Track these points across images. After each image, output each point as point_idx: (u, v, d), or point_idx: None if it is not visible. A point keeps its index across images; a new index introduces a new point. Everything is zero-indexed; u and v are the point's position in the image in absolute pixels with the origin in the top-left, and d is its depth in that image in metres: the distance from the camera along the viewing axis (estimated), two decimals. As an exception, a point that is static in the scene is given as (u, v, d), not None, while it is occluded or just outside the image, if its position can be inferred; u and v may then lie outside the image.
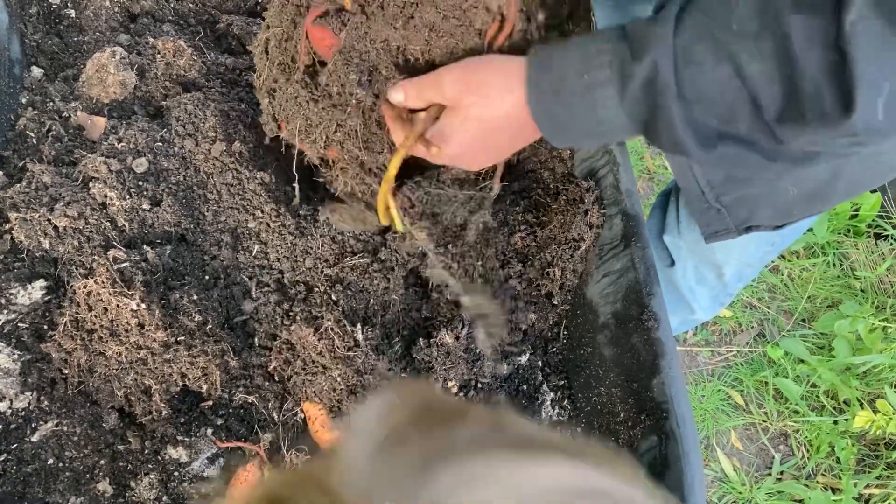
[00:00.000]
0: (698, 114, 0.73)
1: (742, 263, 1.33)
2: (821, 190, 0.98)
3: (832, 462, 2.08)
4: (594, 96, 0.77)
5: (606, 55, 0.75)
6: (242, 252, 1.01)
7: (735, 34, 0.68)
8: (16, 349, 0.89)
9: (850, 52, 0.61)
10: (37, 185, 0.96)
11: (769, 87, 0.68)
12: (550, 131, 0.83)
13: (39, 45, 1.13)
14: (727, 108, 0.71)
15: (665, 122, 0.74)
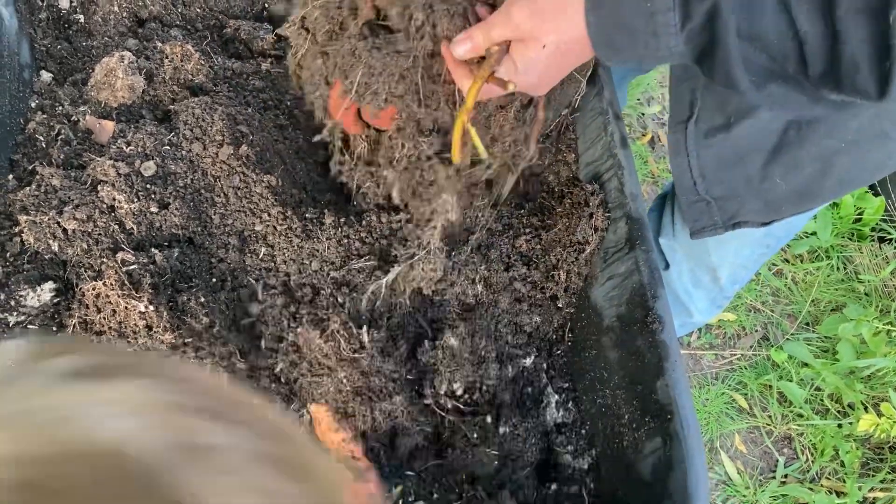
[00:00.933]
0: (754, 53, 0.74)
1: (737, 265, 1.33)
2: (810, 186, 0.99)
3: (836, 465, 2.08)
4: (656, 22, 0.78)
5: None
6: (249, 255, 1.02)
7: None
8: (25, 351, 0.90)
9: None
10: (46, 189, 0.97)
11: (815, 48, 0.70)
12: (606, 52, 0.85)
13: (49, 49, 1.14)
14: (781, 54, 0.73)
15: (722, 57, 0.75)
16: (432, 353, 1.02)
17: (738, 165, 1.00)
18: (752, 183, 1.02)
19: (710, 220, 1.07)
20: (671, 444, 0.91)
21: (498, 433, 1.03)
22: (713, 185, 1.03)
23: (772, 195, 1.02)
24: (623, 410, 1.01)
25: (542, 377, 1.11)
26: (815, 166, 0.98)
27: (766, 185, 1.01)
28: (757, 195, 1.03)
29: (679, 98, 1.00)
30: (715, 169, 1.02)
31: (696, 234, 1.09)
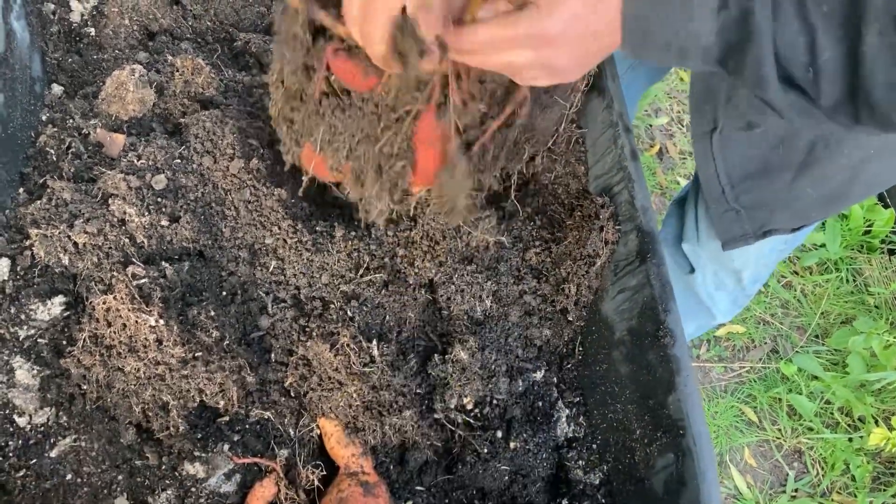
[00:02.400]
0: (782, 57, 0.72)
1: (759, 265, 1.34)
2: (839, 191, 0.99)
3: (847, 480, 2.06)
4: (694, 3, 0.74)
5: None
6: (259, 268, 1.02)
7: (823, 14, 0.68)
8: (35, 364, 0.90)
9: None
10: (57, 202, 0.97)
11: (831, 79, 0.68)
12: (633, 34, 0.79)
13: (60, 63, 1.14)
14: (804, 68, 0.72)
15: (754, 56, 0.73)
16: (442, 367, 1.01)
17: (765, 178, 1.00)
18: (781, 194, 1.02)
19: (741, 231, 1.07)
20: (683, 459, 0.90)
21: (508, 448, 1.02)
22: (742, 194, 1.03)
23: (801, 203, 1.02)
24: (634, 425, 1.00)
25: (553, 391, 1.10)
26: (843, 175, 0.98)
27: (794, 194, 1.01)
28: (786, 205, 1.03)
29: (702, 114, 0.99)
30: (742, 179, 1.01)
31: (728, 246, 1.09)
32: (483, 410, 1.04)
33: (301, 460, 0.95)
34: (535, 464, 1.03)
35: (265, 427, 0.96)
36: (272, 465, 0.93)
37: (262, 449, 0.95)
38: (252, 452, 0.94)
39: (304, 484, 0.93)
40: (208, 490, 0.90)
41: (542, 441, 1.04)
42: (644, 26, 0.78)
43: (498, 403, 1.05)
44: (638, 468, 0.98)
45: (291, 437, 0.96)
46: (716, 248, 1.32)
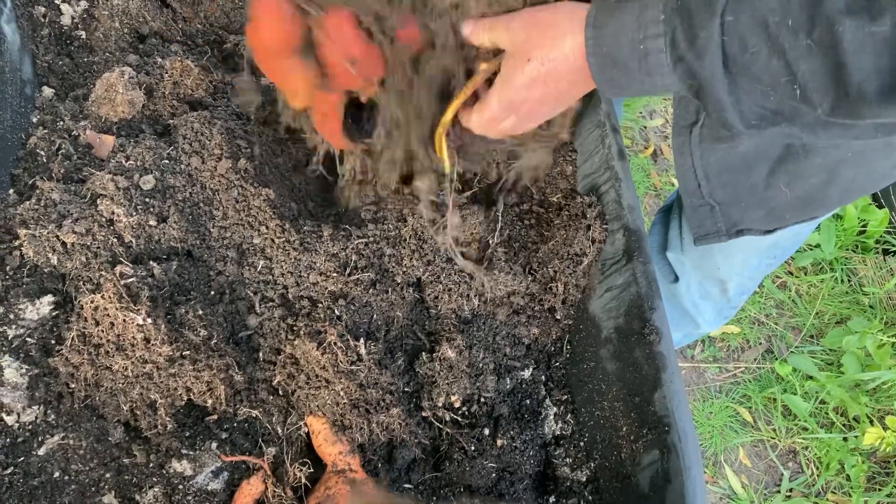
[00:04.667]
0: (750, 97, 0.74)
1: (745, 277, 1.33)
2: (814, 194, 1.00)
3: (842, 479, 2.06)
4: (649, 63, 0.79)
5: (660, 25, 0.77)
6: (247, 267, 1.02)
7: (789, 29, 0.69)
8: (24, 363, 0.90)
9: None
10: (46, 203, 0.98)
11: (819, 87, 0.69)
12: (610, 91, 0.86)
13: (51, 65, 1.15)
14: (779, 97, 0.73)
15: (714, 102, 0.76)
16: (430, 365, 1.02)
17: (742, 172, 1.01)
18: (756, 190, 1.02)
19: (713, 226, 1.08)
20: (668, 456, 0.91)
21: (496, 445, 1.03)
22: (717, 189, 1.04)
23: (775, 203, 1.02)
24: (621, 422, 1.01)
25: (541, 389, 1.11)
26: (820, 176, 0.98)
27: (769, 192, 1.02)
28: (760, 203, 1.03)
29: (685, 107, 1.00)
30: (718, 172, 1.02)
31: (700, 241, 1.10)
32: (471, 408, 1.05)
33: (289, 458, 0.95)
34: (523, 461, 1.03)
35: (253, 425, 0.96)
36: (260, 462, 0.93)
37: (249, 447, 0.95)
38: (240, 450, 0.94)
39: (291, 481, 0.94)
40: (196, 488, 0.91)
41: (530, 438, 1.05)
42: (614, 82, 0.84)
43: (485, 401, 1.05)
44: (624, 465, 0.99)
45: (279, 436, 0.97)
46: (699, 256, 1.32)
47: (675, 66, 0.77)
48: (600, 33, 0.82)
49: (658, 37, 0.78)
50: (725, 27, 0.72)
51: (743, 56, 0.72)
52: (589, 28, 0.83)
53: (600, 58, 0.83)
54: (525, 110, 0.92)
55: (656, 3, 0.79)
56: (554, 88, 0.90)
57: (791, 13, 0.68)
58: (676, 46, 0.76)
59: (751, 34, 0.71)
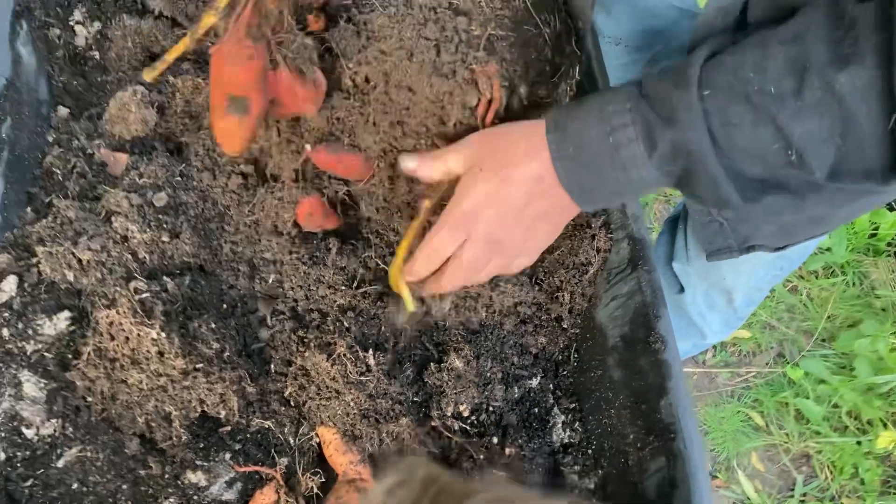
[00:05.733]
0: (741, 166, 0.71)
1: (751, 287, 1.34)
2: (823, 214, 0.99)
3: (856, 484, 2.06)
4: (622, 156, 0.75)
5: (627, 115, 0.74)
6: (259, 281, 1.04)
7: (773, 96, 0.66)
8: (42, 378, 0.93)
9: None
10: (62, 220, 1.00)
11: (818, 148, 0.66)
12: (581, 197, 0.81)
13: (65, 85, 1.18)
14: (769, 167, 0.70)
15: (705, 180, 0.72)
16: (438, 375, 1.03)
17: None
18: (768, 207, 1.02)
19: (724, 242, 1.06)
20: (674, 462, 0.92)
21: (504, 454, 1.04)
22: None
23: (785, 220, 1.02)
24: (628, 430, 1.02)
25: (549, 398, 1.12)
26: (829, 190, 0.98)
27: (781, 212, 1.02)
28: (770, 221, 1.03)
29: None
30: None
31: (712, 257, 1.09)
32: (479, 417, 1.06)
33: (301, 468, 0.97)
34: (531, 469, 1.05)
35: (265, 436, 0.98)
36: (272, 472, 0.95)
37: (262, 457, 0.97)
38: (253, 461, 0.96)
39: (303, 491, 0.96)
40: (210, 498, 0.93)
41: (538, 447, 1.06)
42: (584, 186, 0.79)
43: (494, 410, 1.07)
44: (631, 472, 1.00)
45: (291, 446, 0.99)
46: (704, 266, 1.32)
47: (652, 153, 0.73)
48: (563, 135, 0.78)
49: (626, 126, 0.74)
50: (705, 101, 0.69)
51: (726, 128, 0.69)
52: (550, 132, 0.79)
53: (567, 161, 0.78)
54: (507, 241, 0.87)
55: (619, 95, 0.76)
56: (531, 216, 0.84)
57: (771, 80, 0.66)
58: (651, 132, 0.73)
59: (731, 105, 0.68)
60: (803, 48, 0.64)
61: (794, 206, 0.76)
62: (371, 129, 0.96)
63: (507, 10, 0.99)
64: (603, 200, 0.84)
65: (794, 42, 0.65)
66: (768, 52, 0.67)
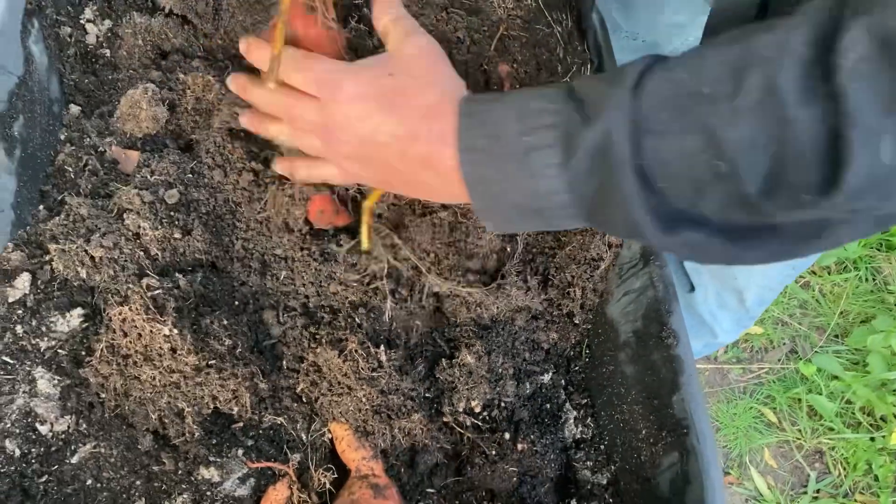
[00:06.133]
0: (659, 191, 0.63)
1: (763, 287, 1.33)
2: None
3: (870, 480, 2.05)
4: (532, 162, 0.67)
5: (549, 116, 0.66)
6: (270, 278, 1.04)
7: (706, 98, 0.58)
8: (56, 375, 0.93)
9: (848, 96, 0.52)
10: (74, 218, 1.01)
11: (751, 155, 0.58)
12: (480, 199, 0.73)
13: (77, 83, 1.18)
14: (694, 185, 0.61)
15: (619, 198, 0.63)
16: (450, 371, 1.03)
17: None
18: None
19: None
20: (687, 458, 0.92)
21: (516, 450, 1.04)
22: None
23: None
24: (640, 425, 1.01)
25: (561, 393, 1.12)
26: None
27: None
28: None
29: None
30: None
31: None
32: (491, 413, 1.06)
33: (313, 464, 0.97)
34: (544, 465, 1.04)
35: (278, 432, 0.98)
36: (285, 468, 0.95)
37: (275, 453, 0.97)
38: (265, 457, 0.96)
39: (316, 487, 0.96)
40: (223, 494, 0.93)
41: (550, 442, 1.06)
42: (488, 189, 0.71)
43: (506, 406, 1.07)
44: (644, 468, 1.00)
45: (304, 442, 0.99)
46: (716, 266, 1.31)
47: (567, 163, 0.65)
48: (474, 122, 0.70)
49: (546, 128, 0.65)
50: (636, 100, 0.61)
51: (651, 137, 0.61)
52: (463, 117, 0.71)
53: (472, 153, 0.70)
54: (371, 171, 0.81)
55: (548, 92, 0.68)
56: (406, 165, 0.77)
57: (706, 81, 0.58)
58: (572, 137, 0.64)
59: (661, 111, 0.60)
60: (746, 45, 0.57)
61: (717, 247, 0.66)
62: None
63: (520, 10, 1.00)
64: (503, 213, 0.73)
65: (738, 39, 0.58)
66: (708, 52, 0.60)
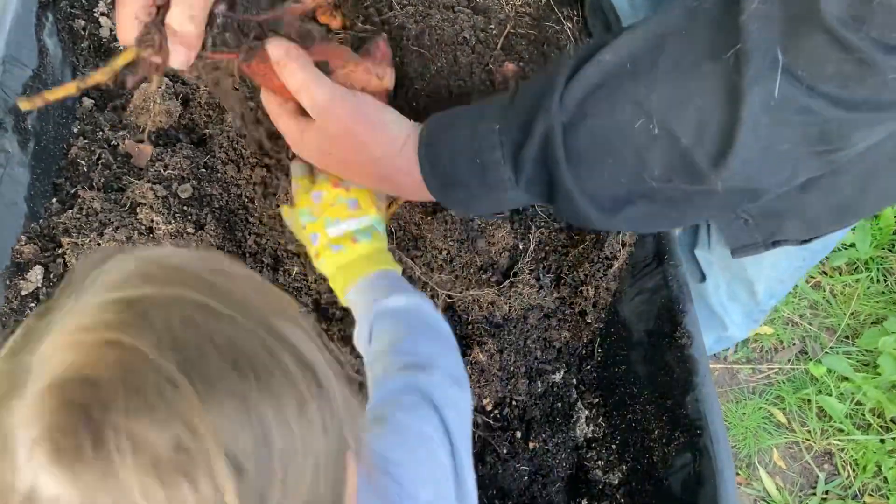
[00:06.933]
0: (598, 177, 0.68)
1: (774, 280, 1.32)
2: (848, 203, 0.97)
3: (879, 482, 2.04)
4: (489, 181, 0.73)
5: (495, 135, 0.71)
6: (282, 274, 1.04)
7: (629, 73, 0.63)
8: (68, 368, 0.93)
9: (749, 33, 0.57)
10: (87, 211, 1.01)
11: (678, 111, 0.62)
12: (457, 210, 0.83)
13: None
14: (637, 153, 0.65)
15: (563, 195, 0.69)
16: (462, 368, 1.03)
17: None
18: (790, 204, 1.00)
19: (750, 239, 1.05)
20: (701, 459, 0.91)
21: (528, 448, 1.04)
22: (752, 207, 1.02)
23: (811, 214, 1.01)
24: (653, 425, 1.01)
25: (572, 392, 1.11)
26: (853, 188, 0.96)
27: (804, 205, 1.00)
28: (796, 215, 1.02)
29: None
30: None
31: (738, 254, 1.08)
32: (503, 411, 1.06)
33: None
34: (555, 464, 1.04)
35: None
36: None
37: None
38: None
39: None
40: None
41: (562, 441, 1.05)
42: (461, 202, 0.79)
43: (517, 404, 1.06)
44: (656, 468, 0.99)
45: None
46: (726, 256, 1.30)
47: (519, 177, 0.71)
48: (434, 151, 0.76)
49: (494, 149, 0.71)
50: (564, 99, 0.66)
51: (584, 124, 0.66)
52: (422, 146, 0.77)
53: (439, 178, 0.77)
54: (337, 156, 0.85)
55: (491, 109, 0.73)
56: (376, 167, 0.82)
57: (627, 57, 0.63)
58: (517, 154, 0.70)
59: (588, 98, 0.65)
60: (662, 17, 0.62)
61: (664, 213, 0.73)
62: None
63: (529, 7, 0.99)
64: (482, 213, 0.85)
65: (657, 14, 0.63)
66: (631, 32, 0.64)
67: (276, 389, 0.40)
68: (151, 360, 0.37)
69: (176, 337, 0.38)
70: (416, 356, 0.76)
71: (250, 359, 0.40)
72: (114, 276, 0.41)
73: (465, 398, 0.77)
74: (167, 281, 0.41)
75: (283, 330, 0.43)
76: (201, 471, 0.36)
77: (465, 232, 1.06)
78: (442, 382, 0.74)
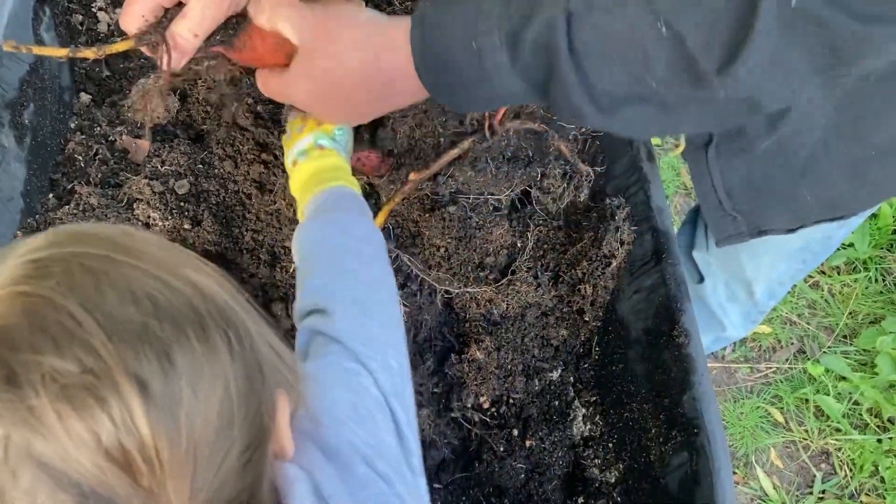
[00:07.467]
0: (599, 73, 0.66)
1: (773, 281, 1.32)
2: (840, 199, 0.97)
3: (876, 482, 2.04)
4: (485, 66, 0.70)
5: (492, 19, 0.69)
6: (279, 270, 1.04)
7: None
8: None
9: None
10: (84, 207, 1.00)
11: (686, 11, 0.61)
12: (445, 100, 0.78)
13: (88, 72, 1.18)
14: (640, 53, 0.64)
15: (560, 86, 0.67)
16: (459, 366, 1.03)
17: (764, 185, 0.98)
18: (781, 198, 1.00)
19: (735, 230, 1.05)
20: (698, 458, 0.91)
21: (525, 446, 1.04)
22: (739, 203, 1.02)
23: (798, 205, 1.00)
24: (650, 424, 1.01)
25: (570, 390, 1.11)
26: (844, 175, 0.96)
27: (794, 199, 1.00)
28: (785, 209, 1.02)
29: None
30: (741, 190, 1.00)
31: (722, 243, 1.08)
32: (500, 409, 1.06)
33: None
34: (552, 462, 1.04)
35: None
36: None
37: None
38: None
39: None
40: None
41: (558, 439, 1.05)
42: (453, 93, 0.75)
43: (514, 402, 1.06)
44: (653, 467, 0.99)
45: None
46: (725, 256, 1.30)
47: (515, 63, 0.68)
48: (428, 33, 0.73)
49: (491, 32, 0.68)
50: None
51: (591, 16, 0.64)
52: (416, 28, 0.74)
53: (431, 62, 0.73)
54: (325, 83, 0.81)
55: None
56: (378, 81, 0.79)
57: None
58: (515, 36, 0.67)
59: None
60: None
61: (661, 117, 0.70)
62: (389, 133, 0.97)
63: None
64: (474, 106, 0.84)
65: None
66: None
67: (176, 318, 0.44)
68: (53, 301, 0.42)
69: (74, 281, 0.43)
70: (316, 296, 0.76)
71: (148, 293, 0.44)
72: (28, 245, 0.46)
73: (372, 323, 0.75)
74: (70, 242, 0.47)
75: (190, 276, 0.48)
76: (108, 390, 0.40)
77: (463, 229, 1.06)
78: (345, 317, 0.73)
